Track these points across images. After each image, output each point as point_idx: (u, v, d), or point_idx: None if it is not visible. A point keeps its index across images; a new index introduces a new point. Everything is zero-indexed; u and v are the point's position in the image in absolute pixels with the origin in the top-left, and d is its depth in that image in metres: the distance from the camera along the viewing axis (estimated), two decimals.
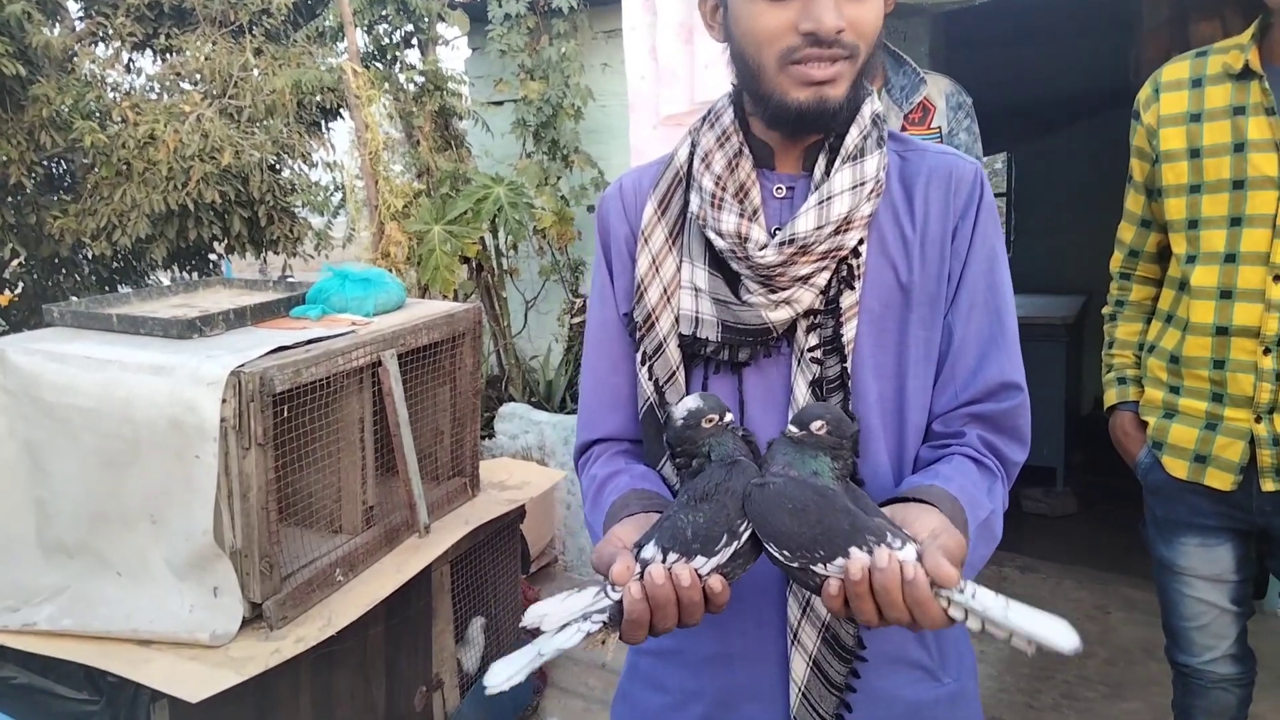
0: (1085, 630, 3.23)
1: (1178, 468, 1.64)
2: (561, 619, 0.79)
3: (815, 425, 0.83)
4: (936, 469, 0.97)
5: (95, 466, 1.81)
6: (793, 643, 1.00)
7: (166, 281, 4.59)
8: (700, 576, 0.80)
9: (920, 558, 0.76)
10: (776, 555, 0.80)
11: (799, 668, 1.00)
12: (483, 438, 3.79)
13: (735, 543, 0.81)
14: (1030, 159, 6.34)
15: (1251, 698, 1.77)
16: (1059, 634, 0.72)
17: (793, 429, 0.85)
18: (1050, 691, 2.85)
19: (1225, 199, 1.52)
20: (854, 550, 0.76)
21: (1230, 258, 1.53)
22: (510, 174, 3.83)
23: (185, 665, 1.69)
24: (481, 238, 3.85)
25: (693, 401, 0.90)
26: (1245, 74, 1.51)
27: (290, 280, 2.68)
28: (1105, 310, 1.86)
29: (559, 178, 3.93)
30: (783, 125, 0.97)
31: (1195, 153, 1.56)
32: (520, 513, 2.57)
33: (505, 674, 0.78)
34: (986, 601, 0.74)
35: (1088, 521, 4.37)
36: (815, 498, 0.79)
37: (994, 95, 5.28)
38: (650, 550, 0.81)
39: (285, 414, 1.86)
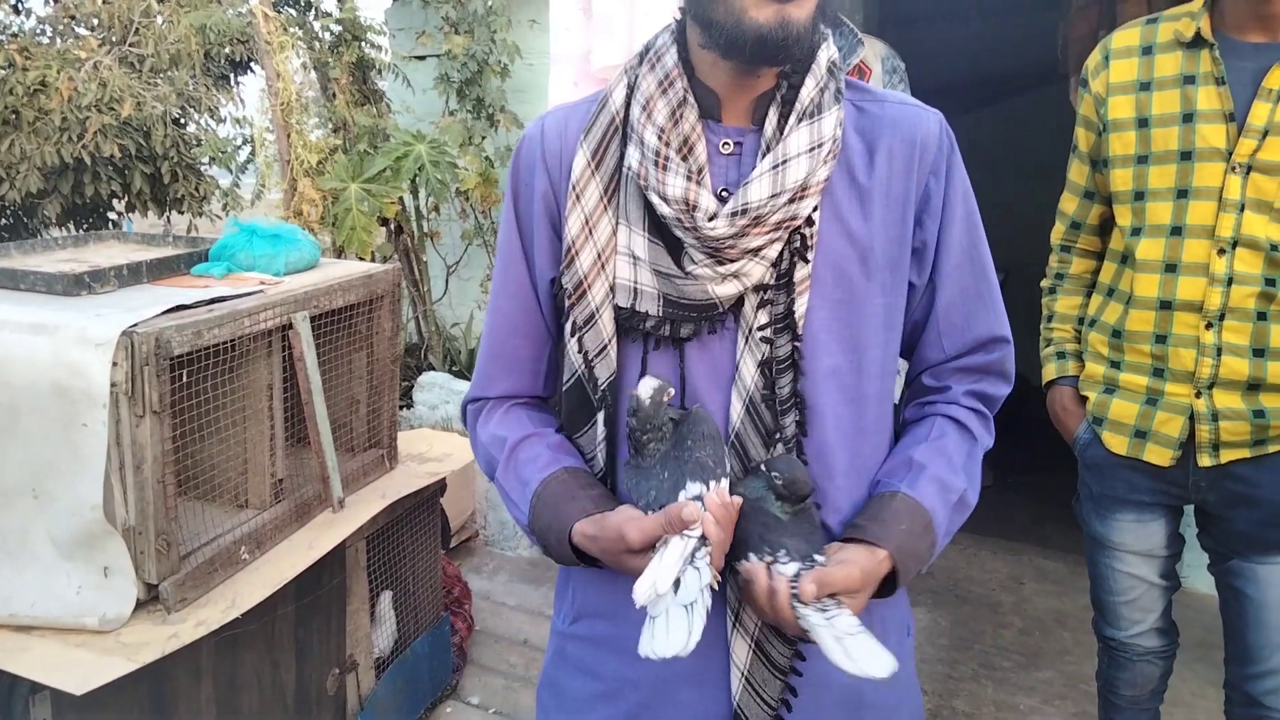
0: (1001, 601, 3.30)
1: (1117, 443, 1.63)
2: (672, 576, 0.81)
3: (774, 475, 0.90)
4: (911, 455, 0.98)
5: None
6: (734, 625, 0.95)
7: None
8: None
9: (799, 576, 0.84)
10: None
11: (741, 651, 0.94)
12: (401, 408, 3.65)
13: (729, 465, 0.91)
14: (959, 134, 6.41)
15: (1173, 669, 1.80)
16: (875, 665, 0.81)
17: (763, 467, 0.92)
18: (969, 662, 2.89)
19: (1173, 170, 1.50)
20: (752, 556, 0.87)
21: (1176, 230, 1.51)
22: (432, 132, 3.66)
23: (70, 653, 1.55)
24: (401, 198, 3.68)
25: (651, 381, 0.90)
26: (1196, 42, 1.48)
27: (193, 238, 2.50)
28: (1044, 283, 1.84)
29: (484, 138, 3.77)
30: (738, 54, 0.87)
31: (1144, 122, 1.54)
32: (441, 486, 2.46)
33: (680, 640, 0.79)
34: (840, 625, 0.82)
35: (1001, 493, 4.46)
36: (746, 510, 0.89)
37: (925, 71, 5.31)
38: (695, 488, 0.87)
39: (185, 379, 1.71)
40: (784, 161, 0.88)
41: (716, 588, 0.84)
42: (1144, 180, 1.54)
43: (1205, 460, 1.54)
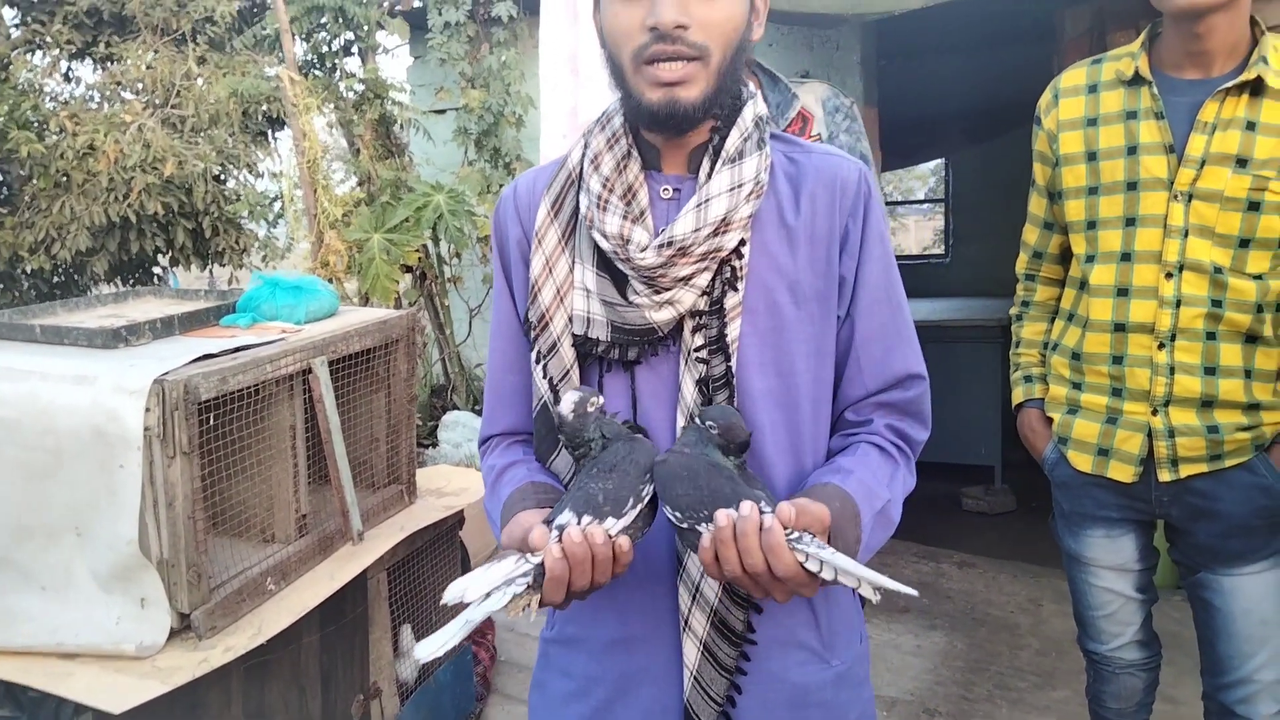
0: (1018, 623, 3.33)
1: (1082, 461, 1.70)
2: (484, 588, 0.84)
3: (709, 424, 0.93)
4: (839, 463, 1.05)
5: (17, 479, 1.79)
6: (684, 628, 1.04)
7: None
8: (610, 537, 0.87)
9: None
10: (670, 516, 0.91)
11: (690, 652, 1.03)
12: (426, 446, 3.78)
13: (639, 505, 0.91)
14: (967, 166, 6.49)
15: (1158, 681, 1.84)
16: (898, 585, 0.83)
17: (698, 422, 0.95)
18: (984, 683, 2.92)
19: (1120, 200, 1.60)
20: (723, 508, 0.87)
21: (1126, 256, 1.60)
22: (452, 182, 3.84)
23: (110, 677, 1.68)
24: (424, 246, 3.86)
25: (573, 394, 0.98)
26: (1136, 80, 1.58)
27: (223, 290, 2.67)
28: (1012, 311, 1.92)
29: (501, 185, 3.95)
30: (643, 124, 1.02)
31: (1092, 155, 1.63)
32: (459, 519, 2.57)
33: (436, 643, 0.83)
34: (841, 559, 0.83)
35: (1024, 517, 4.48)
36: (707, 467, 0.90)
37: (928, 104, 5.43)
38: (565, 516, 0.89)
39: (213, 422, 1.85)
40: (707, 200, 1.00)
41: (528, 617, 0.89)
42: (1095, 210, 1.63)
43: (1165, 475, 1.61)
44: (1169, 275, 1.56)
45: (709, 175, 1.03)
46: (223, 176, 5.59)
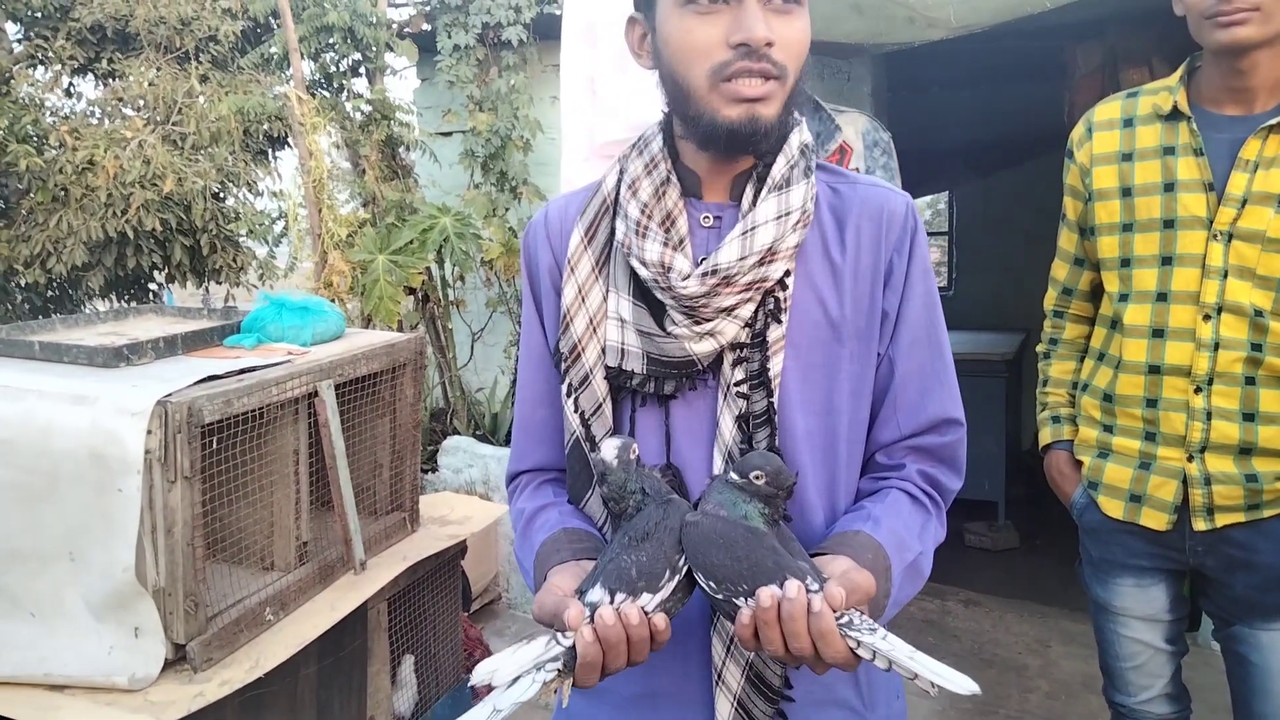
0: (1027, 664, 3.27)
1: (1114, 508, 1.65)
2: (513, 672, 0.78)
3: (754, 475, 0.86)
4: (869, 510, 0.99)
5: (10, 501, 1.72)
6: (717, 682, 0.98)
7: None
8: (646, 614, 0.81)
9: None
10: (704, 586, 0.84)
11: (724, 708, 0.97)
12: (426, 471, 3.72)
13: (676, 577, 0.84)
14: (971, 199, 6.51)
15: None
16: (958, 680, 0.75)
17: (734, 476, 0.88)
18: None
19: (1156, 238, 1.56)
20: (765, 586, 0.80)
21: (1162, 296, 1.56)
22: (458, 205, 3.80)
23: (100, 711, 1.61)
24: (428, 268, 3.82)
25: (615, 440, 0.93)
26: (1174, 115, 1.55)
27: (228, 309, 2.62)
28: (1039, 348, 1.88)
29: (507, 209, 3.91)
30: (714, 146, 0.97)
31: (1127, 191, 1.60)
32: (461, 548, 2.51)
33: None
34: (895, 644, 0.77)
35: (1028, 555, 4.43)
36: (745, 535, 0.84)
37: (936, 137, 5.44)
38: (597, 593, 0.83)
39: (215, 446, 1.79)
40: (753, 228, 0.96)
41: (560, 702, 0.83)
42: (1130, 247, 1.60)
43: (1200, 524, 1.56)
44: (1207, 317, 1.52)
45: (753, 203, 0.99)
46: (222, 195, 5.56)
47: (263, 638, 1.88)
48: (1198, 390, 1.53)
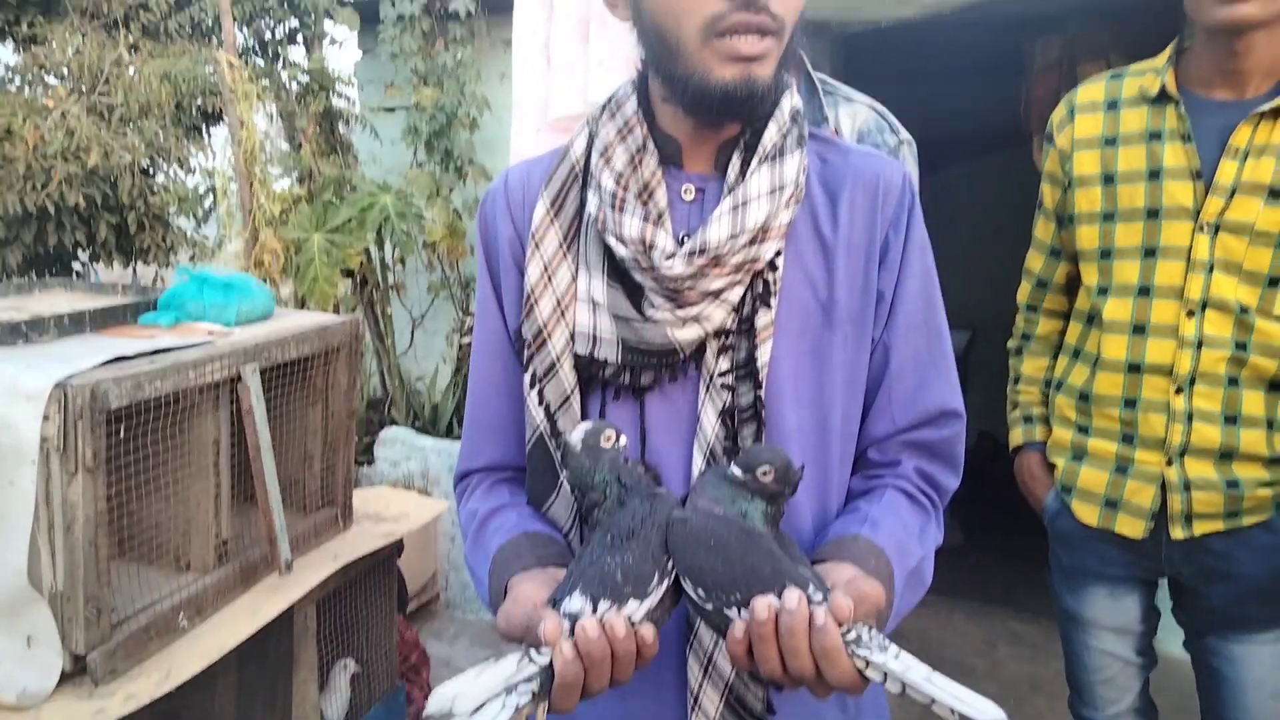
0: (975, 665, 3.23)
1: (1088, 514, 1.58)
2: (480, 697, 0.67)
3: (761, 471, 0.77)
4: (866, 511, 0.89)
5: None
6: (693, 708, 0.88)
7: None
8: (633, 625, 0.72)
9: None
10: (691, 594, 0.74)
11: None
12: (362, 464, 3.55)
13: (666, 581, 0.75)
14: (923, 194, 6.51)
15: None
16: (982, 706, 0.67)
17: (735, 471, 0.78)
18: None
19: (1139, 228, 1.49)
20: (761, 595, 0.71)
21: (1144, 291, 1.49)
22: (399, 184, 3.62)
23: None
24: (366, 250, 3.64)
25: (586, 424, 0.81)
26: (1161, 98, 1.47)
27: (143, 287, 2.43)
28: (1011, 344, 1.81)
29: (451, 190, 3.75)
30: (704, 110, 0.85)
31: (1109, 178, 1.52)
32: (397, 547, 2.37)
33: None
34: (910, 663, 0.69)
35: (974, 553, 4.42)
36: (740, 536, 0.74)
37: None
38: (577, 602, 0.72)
39: (122, 434, 1.63)
40: (744, 203, 0.86)
41: None
42: (1110, 238, 1.52)
43: (1178, 532, 1.49)
44: (1190, 313, 1.45)
45: (741, 174, 0.88)
46: (151, 170, 5.29)
47: (175, 646, 1.72)
48: (1179, 390, 1.46)
